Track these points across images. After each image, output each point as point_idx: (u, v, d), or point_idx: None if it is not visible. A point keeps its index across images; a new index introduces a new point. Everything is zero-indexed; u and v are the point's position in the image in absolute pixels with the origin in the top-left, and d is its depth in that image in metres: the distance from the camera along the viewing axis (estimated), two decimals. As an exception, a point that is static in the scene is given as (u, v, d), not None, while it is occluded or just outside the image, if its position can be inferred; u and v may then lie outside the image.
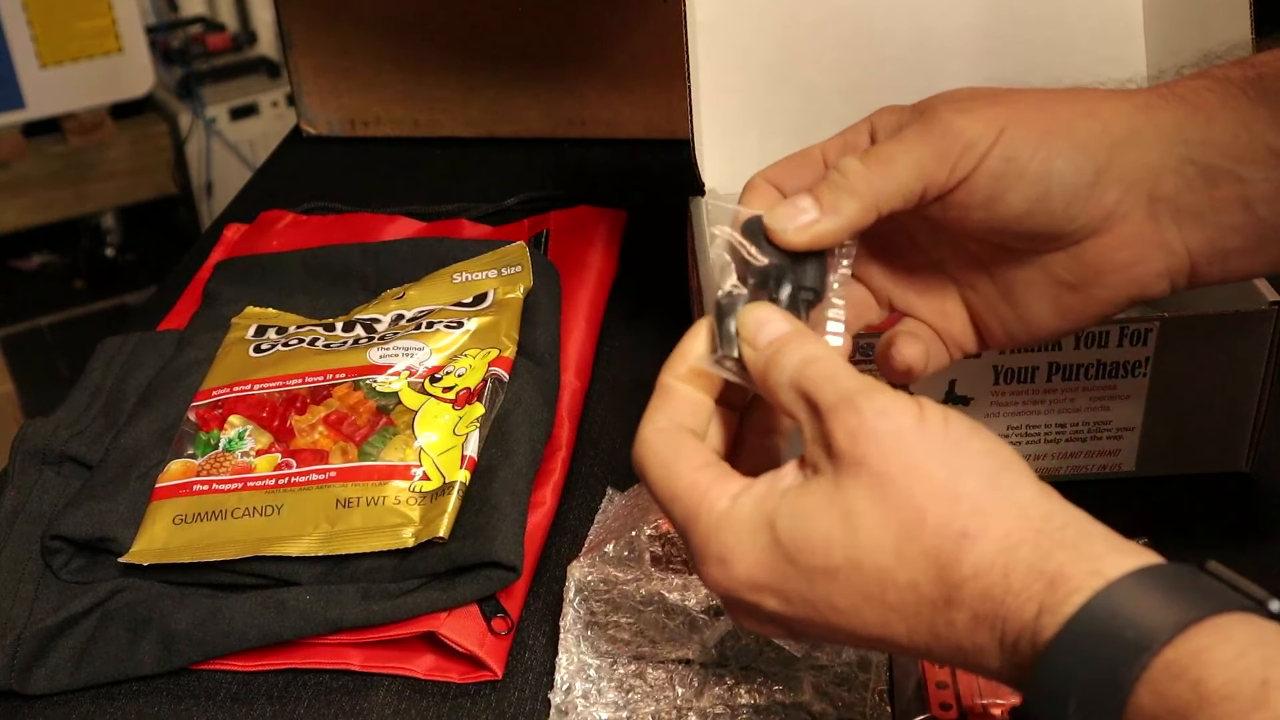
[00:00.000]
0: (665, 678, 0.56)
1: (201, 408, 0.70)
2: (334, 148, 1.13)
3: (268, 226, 0.94)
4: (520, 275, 0.77)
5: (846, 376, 0.42)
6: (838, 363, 0.43)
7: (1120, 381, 0.64)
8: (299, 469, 0.65)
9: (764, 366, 0.44)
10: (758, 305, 0.46)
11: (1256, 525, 0.66)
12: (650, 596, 0.58)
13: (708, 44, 0.75)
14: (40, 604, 0.62)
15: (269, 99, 2.66)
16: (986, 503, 0.39)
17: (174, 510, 0.64)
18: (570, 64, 1.07)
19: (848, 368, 0.42)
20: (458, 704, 0.58)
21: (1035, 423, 0.66)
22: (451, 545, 0.60)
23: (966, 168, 0.47)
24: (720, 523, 0.42)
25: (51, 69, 2.48)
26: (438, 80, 1.09)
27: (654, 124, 1.07)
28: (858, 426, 0.40)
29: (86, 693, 0.60)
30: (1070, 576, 0.36)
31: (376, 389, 0.69)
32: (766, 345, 0.44)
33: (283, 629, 0.59)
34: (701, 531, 0.42)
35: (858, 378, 0.42)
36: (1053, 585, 0.36)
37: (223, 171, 2.65)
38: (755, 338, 0.45)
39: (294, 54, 1.10)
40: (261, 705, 0.59)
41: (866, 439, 0.40)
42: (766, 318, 0.45)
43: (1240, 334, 0.63)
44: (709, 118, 0.75)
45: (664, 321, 0.83)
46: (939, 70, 0.76)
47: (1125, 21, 0.76)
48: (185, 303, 0.86)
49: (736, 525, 0.42)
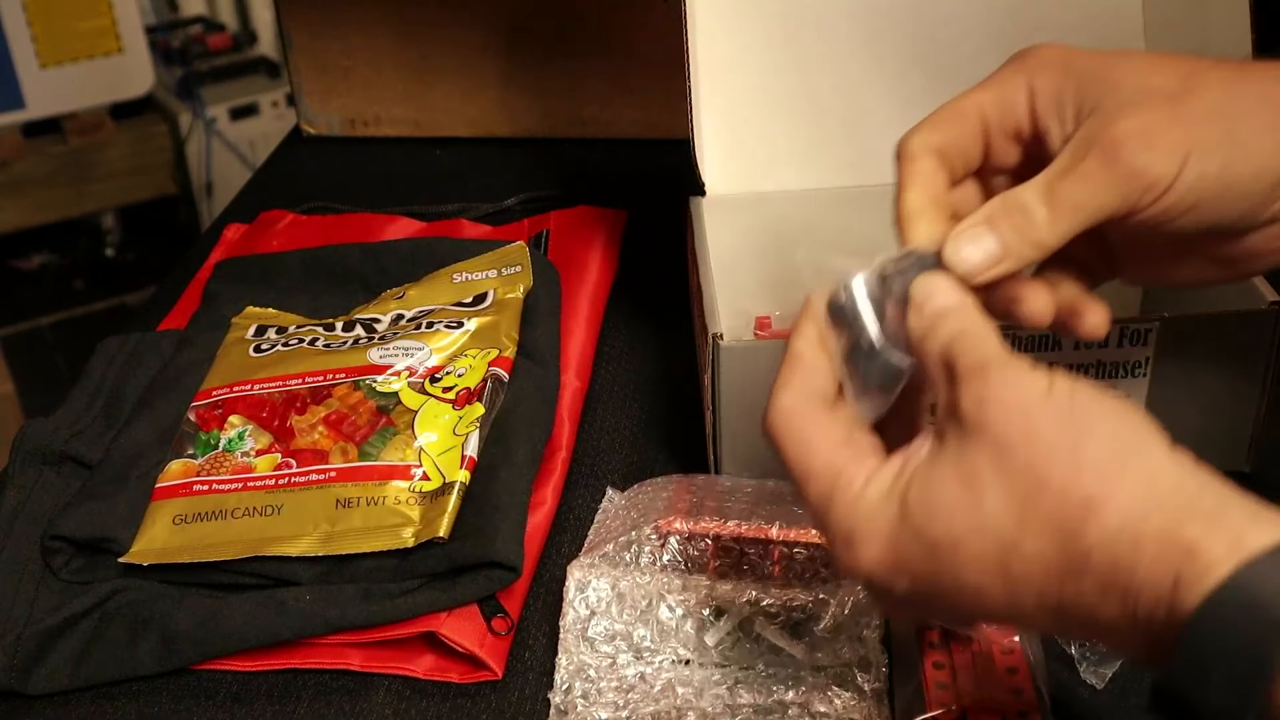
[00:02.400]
0: (665, 678, 0.56)
1: (201, 408, 0.70)
2: (334, 148, 1.13)
3: (268, 226, 0.94)
4: (520, 275, 0.77)
5: (991, 348, 0.41)
6: (988, 337, 0.42)
7: (1120, 381, 0.64)
8: (299, 469, 0.65)
9: (922, 333, 0.44)
10: (933, 274, 0.45)
11: (1256, 525, 0.65)
12: (650, 596, 0.58)
13: (708, 44, 0.75)
14: (40, 604, 0.62)
15: (269, 99, 2.66)
16: (1112, 469, 0.38)
17: (174, 510, 0.64)
18: (570, 64, 1.07)
19: (995, 342, 0.42)
20: (458, 704, 0.58)
21: (1035, 423, 0.65)
22: (451, 545, 0.60)
23: (1147, 204, 0.46)
24: (854, 505, 0.42)
25: (51, 69, 2.48)
26: (438, 80, 1.09)
27: (654, 124, 1.07)
28: (984, 393, 0.40)
29: (86, 693, 0.60)
30: (1209, 548, 0.35)
31: (376, 389, 0.69)
32: (931, 314, 0.44)
33: (283, 629, 0.59)
34: (836, 514, 0.42)
35: (1001, 352, 0.41)
36: (1190, 556, 0.35)
37: (223, 171, 2.64)
38: (922, 305, 0.44)
39: (294, 54, 1.10)
40: (261, 705, 0.59)
41: (991, 406, 0.40)
42: (939, 287, 0.45)
43: (1240, 334, 0.63)
44: (709, 118, 0.75)
45: (664, 321, 0.83)
46: (939, 70, 0.76)
47: (1125, 18, 0.76)
48: (185, 303, 0.86)
49: (870, 505, 0.41)
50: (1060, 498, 0.38)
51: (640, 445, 0.73)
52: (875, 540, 0.41)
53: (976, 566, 0.39)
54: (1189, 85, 0.47)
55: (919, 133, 0.49)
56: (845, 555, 0.42)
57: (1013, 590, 0.39)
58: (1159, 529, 0.36)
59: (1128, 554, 0.36)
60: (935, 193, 0.48)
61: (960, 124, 0.49)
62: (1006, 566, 0.39)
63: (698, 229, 0.73)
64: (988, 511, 0.39)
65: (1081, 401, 0.39)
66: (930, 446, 0.41)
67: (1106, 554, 0.37)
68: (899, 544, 0.40)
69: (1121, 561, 0.37)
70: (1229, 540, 0.35)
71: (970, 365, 0.41)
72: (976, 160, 0.50)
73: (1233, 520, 0.36)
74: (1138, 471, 0.38)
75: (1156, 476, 0.38)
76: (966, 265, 0.46)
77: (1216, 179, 0.46)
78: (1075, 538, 0.37)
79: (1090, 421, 0.39)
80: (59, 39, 2.47)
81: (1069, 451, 0.38)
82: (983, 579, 0.39)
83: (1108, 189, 0.46)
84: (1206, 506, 0.37)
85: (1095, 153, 0.46)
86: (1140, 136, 0.45)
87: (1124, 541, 0.37)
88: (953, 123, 0.49)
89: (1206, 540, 0.36)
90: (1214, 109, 0.46)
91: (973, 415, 0.40)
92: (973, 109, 0.49)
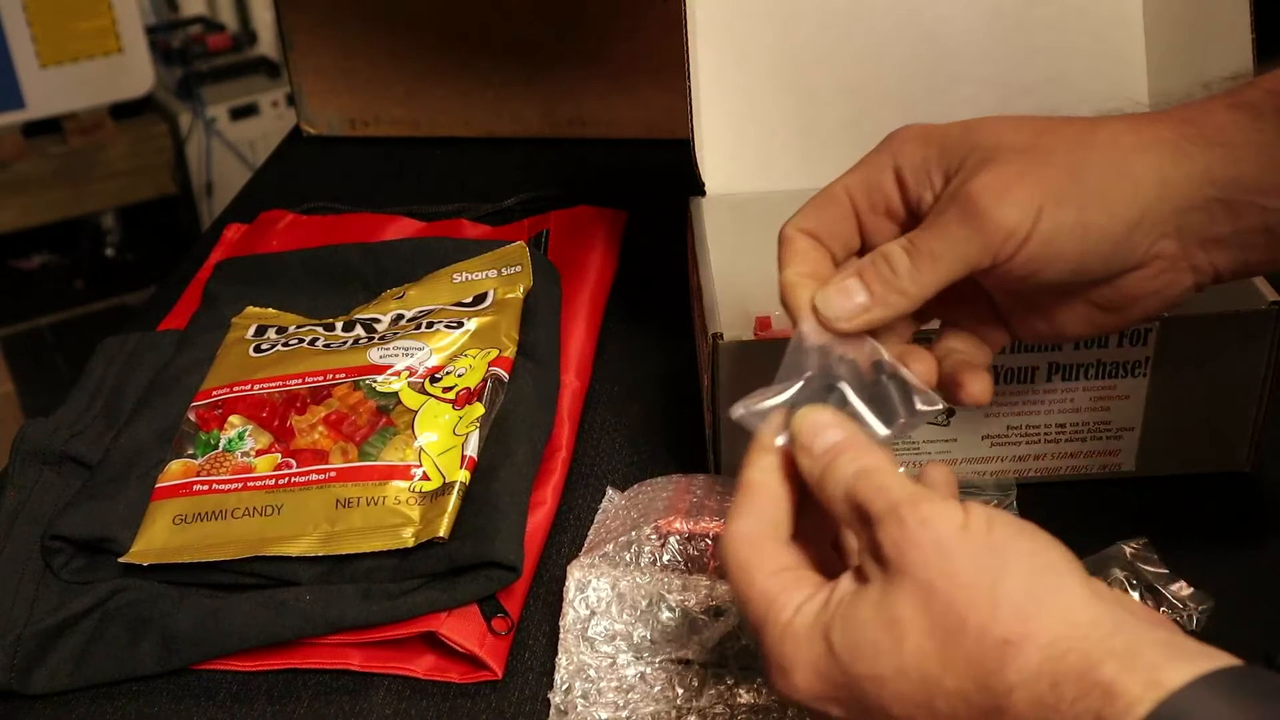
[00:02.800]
0: (665, 678, 0.56)
1: (201, 408, 0.70)
2: (334, 148, 1.13)
3: (268, 226, 0.94)
4: (520, 275, 0.77)
5: (896, 487, 0.42)
6: (889, 473, 0.43)
7: (1120, 381, 0.64)
8: (299, 469, 0.65)
9: (819, 476, 0.45)
10: (812, 409, 0.47)
11: (1256, 525, 0.66)
12: (650, 596, 0.58)
13: (708, 44, 0.75)
14: (40, 604, 0.62)
15: (269, 99, 2.66)
16: (1028, 608, 0.38)
17: (174, 510, 0.64)
18: (570, 64, 1.07)
19: (898, 478, 0.43)
20: (458, 704, 0.58)
21: (1035, 423, 0.66)
22: (451, 545, 0.60)
23: (1007, 254, 0.48)
24: (784, 633, 0.43)
25: (51, 69, 2.48)
26: (438, 80, 1.09)
27: (654, 124, 1.07)
28: (901, 537, 0.41)
29: (86, 693, 0.60)
30: (1127, 689, 0.36)
31: (376, 389, 0.69)
32: (822, 454, 0.45)
33: (283, 629, 0.59)
34: (768, 640, 0.43)
35: (907, 488, 0.42)
36: (1109, 697, 0.36)
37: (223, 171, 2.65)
38: (812, 444, 0.46)
39: (294, 54, 1.10)
40: (261, 705, 0.59)
41: (910, 548, 0.40)
42: (823, 422, 0.46)
43: (1240, 334, 0.63)
44: (709, 118, 0.75)
45: (664, 321, 0.83)
46: (939, 71, 0.76)
47: (1125, 19, 0.76)
48: (185, 303, 0.86)
49: (797, 636, 0.43)
50: (979, 638, 0.38)
51: (640, 445, 0.73)
52: (803, 669, 0.42)
53: (902, 704, 0.40)
54: (1040, 142, 0.49)
55: (793, 220, 0.52)
56: (778, 680, 0.43)
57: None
58: (1076, 669, 0.37)
59: (1048, 693, 0.37)
60: (814, 268, 0.51)
61: (830, 208, 0.52)
62: (931, 704, 0.39)
63: (698, 229, 0.73)
64: (909, 651, 0.40)
65: (998, 537, 0.40)
66: (851, 585, 0.43)
67: (1028, 694, 0.37)
68: (828, 675, 0.42)
69: (1044, 701, 0.37)
70: (1145, 680, 0.36)
71: (882, 510, 0.42)
72: (854, 240, 0.52)
73: (1148, 658, 0.36)
74: (1054, 609, 0.39)
75: (1072, 613, 0.38)
76: (834, 312, 0.49)
77: (1074, 226, 0.48)
78: (995, 677, 0.38)
79: (1007, 559, 0.40)
80: (59, 39, 2.47)
81: (986, 590, 0.39)
82: (911, 712, 0.40)
83: (965, 239, 0.48)
84: (1121, 644, 0.37)
85: (953, 207, 0.48)
86: (994, 190, 0.48)
87: (1044, 682, 0.37)
88: (824, 208, 0.52)
89: (1123, 680, 0.36)
90: (1064, 161, 0.49)
91: (893, 558, 0.41)
92: (841, 193, 0.52)
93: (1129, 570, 0.59)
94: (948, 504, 0.41)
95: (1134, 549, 0.60)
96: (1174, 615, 0.57)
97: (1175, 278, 0.51)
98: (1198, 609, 0.57)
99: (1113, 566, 0.59)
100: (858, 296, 0.49)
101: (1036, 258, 0.48)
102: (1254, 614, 0.59)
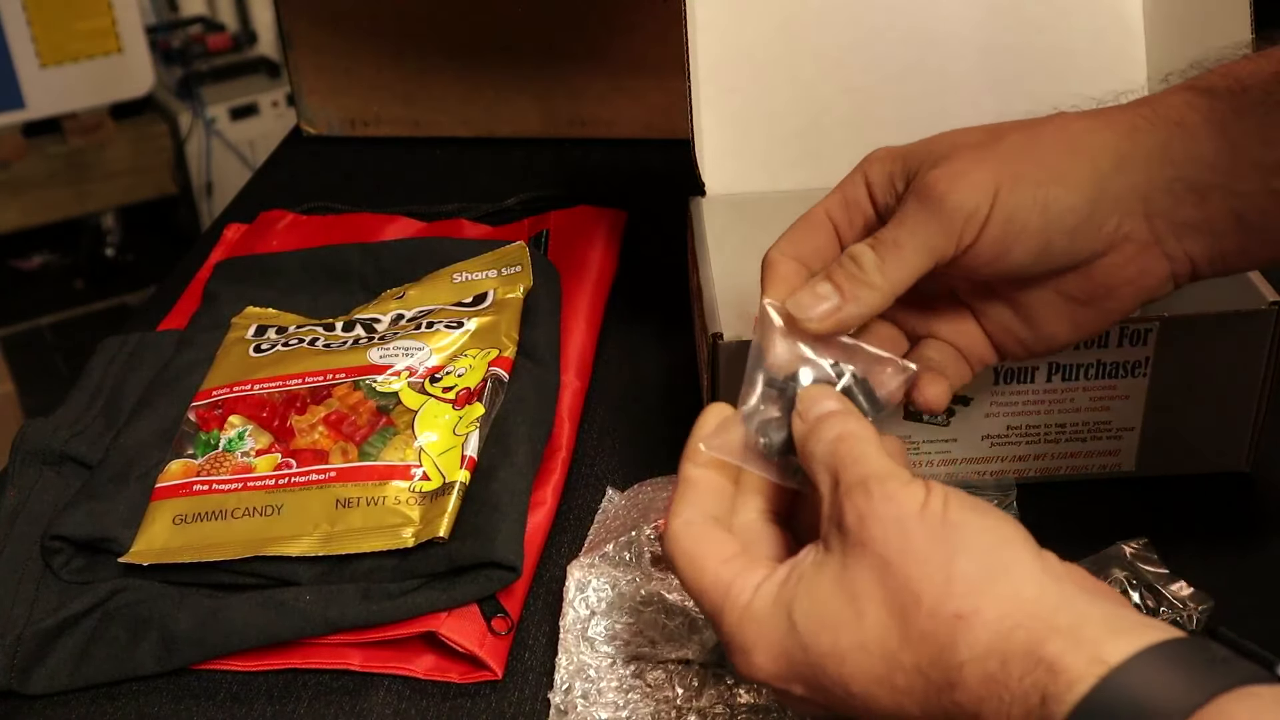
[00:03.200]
0: (665, 678, 0.56)
1: (201, 408, 0.70)
2: (334, 148, 1.13)
3: (268, 226, 0.94)
4: (520, 275, 0.77)
5: (872, 459, 0.43)
6: (870, 445, 0.44)
7: (1120, 381, 0.64)
8: (299, 469, 0.65)
9: (806, 435, 0.46)
10: (817, 386, 0.48)
11: (1256, 525, 0.66)
12: (650, 596, 0.58)
13: (708, 44, 0.75)
14: (40, 604, 0.62)
15: (269, 99, 2.66)
16: (980, 584, 0.39)
17: (174, 510, 0.64)
18: (570, 64, 1.07)
19: (877, 452, 0.44)
20: (458, 704, 0.58)
21: (1035, 423, 0.66)
22: (451, 545, 0.60)
23: (970, 238, 0.49)
24: (744, 615, 0.43)
25: (51, 69, 2.48)
26: (438, 80, 1.09)
27: (654, 124, 1.07)
28: (865, 509, 0.41)
29: (86, 693, 0.60)
30: (1070, 665, 0.36)
31: (376, 389, 0.69)
32: (814, 418, 0.46)
33: (283, 629, 0.59)
34: (727, 626, 0.44)
35: (881, 462, 0.43)
36: (1053, 673, 0.36)
37: (223, 171, 2.65)
38: (807, 411, 0.47)
39: (294, 54, 1.10)
40: (261, 705, 0.59)
41: (872, 522, 0.41)
42: (823, 394, 0.47)
43: (1240, 334, 0.63)
44: (709, 118, 0.75)
45: (664, 321, 0.83)
46: (939, 70, 0.76)
47: (1125, 19, 0.76)
48: (185, 303, 0.86)
49: (758, 616, 0.43)
50: (933, 614, 0.39)
51: (640, 445, 0.73)
52: (765, 649, 0.43)
53: (863, 678, 0.41)
54: (993, 136, 0.51)
55: (777, 245, 0.53)
56: (741, 663, 0.43)
57: (898, 701, 0.40)
58: (1023, 646, 0.37)
59: (998, 670, 0.38)
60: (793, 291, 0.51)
61: (813, 232, 0.53)
62: (891, 678, 0.40)
63: (698, 229, 0.73)
64: (868, 626, 0.40)
65: (954, 516, 0.41)
66: (815, 556, 0.43)
67: (978, 669, 0.38)
68: (789, 653, 0.42)
69: (994, 677, 0.38)
70: (1087, 657, 0.36)
71: (853, 480, 0.43)
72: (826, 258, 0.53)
73: (1091, 633, 0.37)
74: (1004, 586, 0.39)
75: (1021, 590, 0.39)
76: (806, 313, 0.49)
77: (1033, 203, 0.49)
78: (948, 652, 0.39)
79: (962, 536, 0.40)
80: (59, 39, 2.47)
81: (940, 567, 0.40)
82: (870, 688, 0.41)
83: (925, 224, 0.49)
84: (1066, 621, 0.38)
85: (911, 198, 0.50)
86: (949, 177, 0.49)
87: (993, 658, 0.38)
88: (807, 232, 0.53)
89: (1067, 657, 0.37)
90: (1016, 148, 0.50)
91: (855, 531, 0.41)
92: (821, 216, 0.53)
93: (1129, 570, 0.59)
94: (913, 484, 0.42)
95: (1134, 549, 0.60)
96: (1174, 615, 0.57)
97: (1148, 265, 0.51)
98: (1198, 609, 0.57)
99: (1113, 566, 0.59)
100: (828, 296, 0.49)
101: (1000, 239, 0.49)
102: (1254, 614, 0.59)
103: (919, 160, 0.51)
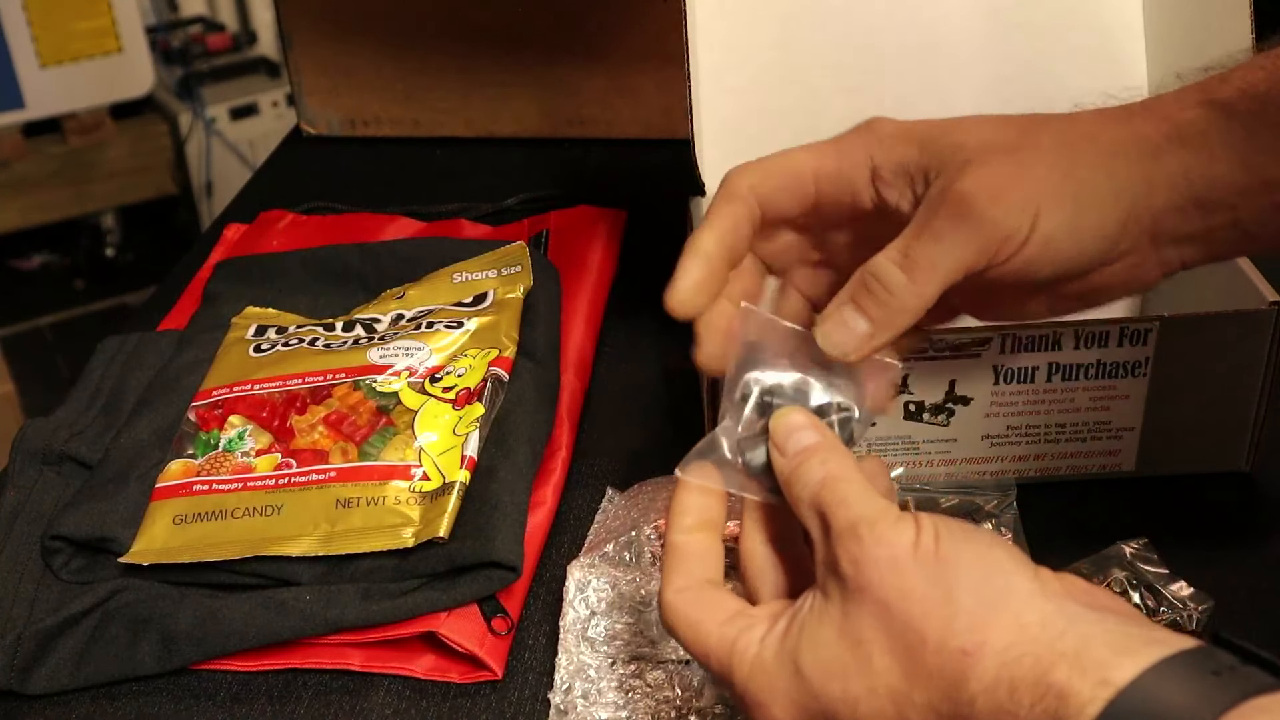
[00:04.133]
0: (665, 678, 0.56)
1: (201, 408, 0.70)
2: (334, 148, 1.13)
3: (268, 226, 0.94)
4: (520, 275, 0.77)
5: (858, 502, 0.43)
6: (853, 485, 0.43)
7: (1120, 381, 0.64)
8: (299, 469, 0.65)
9: (789, 475, 0.45)
10: (790, 410, 0.47)
11: (1256, 525, 0.66)
12: (650, 596, 0.58)
13: (708, 44, 0.75)
14: (40, 604, 0.62)
15: (269, 99, 2.66)
16: (982, 617, 0.39)
17: (174, 510, 0.64)
18: (570, 64, 1.07)
19: (862, 490, 0.43)
20: (458, 704, 0.58)
21: (1035, 423, 0.66)
22: (451, 545, 0.60)
23: (1004, 257, 0.47)
24: (752, 670, 0.43)
25: (51, 69, 2.48)
26: (438, 80, 1.09)
27: (654, 124, 1.07)
28: (859, 554, 0.41)
29: (86, 693, 0.60)
30: (1078, 690, 0.36)
31: (376, 389, 0.69)
32: (794, 455, 0.45)
33: (283, 629, 0.59)
34: (739, 683, 0.44)
35: (869, 503, 0.43)
36: (1062, 699, 0.36)
37: (223, 171, 2.65)
38: (785, 444, 0.46)
39: (294, 54, 1.10)
40: (261, 705, 0.59)
41: (867, 566, 0.41)
42: (798, 424, 0.46)
43: (1240, 334, 0.63)
44: (709, 118, 0.75)
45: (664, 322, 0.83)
46: (939, 70, 0.76)
47: (1125, 19, 0.76)
48: (185, 303, 0.86)
49: (767, 669, 0.43)
50: (939, 651, 0.39)
51: (640, 445, 0.73)
52: (778, 700, 0.43)
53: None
54: (1026, 140, 0.48)
55: (747, 174, 0.50)
56: (759, 718, 0.43)
57: None
58: (1031, 674, 0.37)
59: (1008, 700, 0.38)
60: (732, 245, 0.49)
61: (791, 181, 0.50)
62: (904, 718, 0.40)
63: (698, 229, 0.72)
64: (877, 670, 0.40)
65: (946, 551, 0.41)
66: (814, 603, 0.43)
67: (989, 701, 0.38)
68: (802, 703, 0.42)
69: (1004, 707, 0.38)
70: (1094, 680, 0.36)
71: (843, 526, 0.42)
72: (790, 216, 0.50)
73: (1096, 655, 0.37)
74: (1006, 615, 0.39)
75: (1024, 617, 0.39)
76: (839, 348, 0.47)
77: (1069, 227, 0.47)
78: (959, 688, 0.39)
79: (957, 571, 0.40)
80: (59, 39, 2.47)
81: (941, 604, 0.40)
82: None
83: (963, 244, 0.46)
84: (1070, 645, 0.38)
85: (945, 209, 0.46)
86: (989, 191, 0.46)
87: (1002, 689, 0.38)
88: (784, 176, 0.50)
89: (1075, 683, 0.37)
90: (1054, 160, 0.47)
91: (851, 577, 0.41)
92: (808, 172, 0.50)
93: (1129, 570, 0.59)
94: (902, 521, 0.42)
95: (1134, 549, 0.60)
96: (1174, 615, 0.57)
97: (1143, 272, 0.50)
98: (1198, 609, 0.57)
99: (1113, 566, 0.59)
100: (858, 326, 0.47)
101: (1033, 260, 0.47)
102: (1254, 614, 0.59)
103: (941, 157, 0.47)
